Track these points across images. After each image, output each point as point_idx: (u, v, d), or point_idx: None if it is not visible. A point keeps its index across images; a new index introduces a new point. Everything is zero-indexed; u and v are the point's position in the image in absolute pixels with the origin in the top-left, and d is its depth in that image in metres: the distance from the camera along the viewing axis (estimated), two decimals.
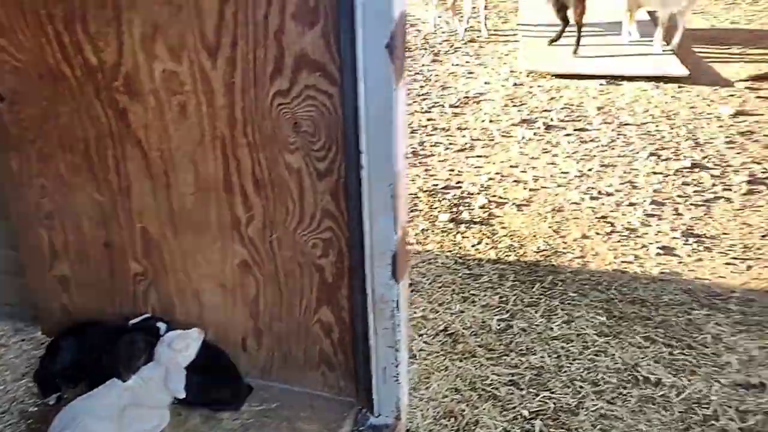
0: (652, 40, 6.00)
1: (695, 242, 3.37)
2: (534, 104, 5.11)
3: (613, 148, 4.39)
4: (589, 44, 6.25)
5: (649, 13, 6.71)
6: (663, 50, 5.89)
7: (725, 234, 3.44)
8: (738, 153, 4.26)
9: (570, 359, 2.55)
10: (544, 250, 3.32)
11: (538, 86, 5.44)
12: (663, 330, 2.71)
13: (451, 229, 3.53)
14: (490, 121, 4.84)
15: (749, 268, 3.17)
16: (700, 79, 5.40)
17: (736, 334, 2.69)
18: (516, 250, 3.32)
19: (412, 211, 3.70)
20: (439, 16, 7.05)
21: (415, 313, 2.82)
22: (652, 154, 4.26)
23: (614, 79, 5.47)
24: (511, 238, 3.43)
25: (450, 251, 3.32)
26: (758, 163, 4.12)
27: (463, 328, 2.72)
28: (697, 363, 2.52)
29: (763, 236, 3.41)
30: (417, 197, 3.86)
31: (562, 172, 4.11)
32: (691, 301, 2.91)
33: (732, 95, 5.13)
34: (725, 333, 2.70)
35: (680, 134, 4.53)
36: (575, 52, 5.86)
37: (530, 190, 3.92)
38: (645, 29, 6.31)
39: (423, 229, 3.52)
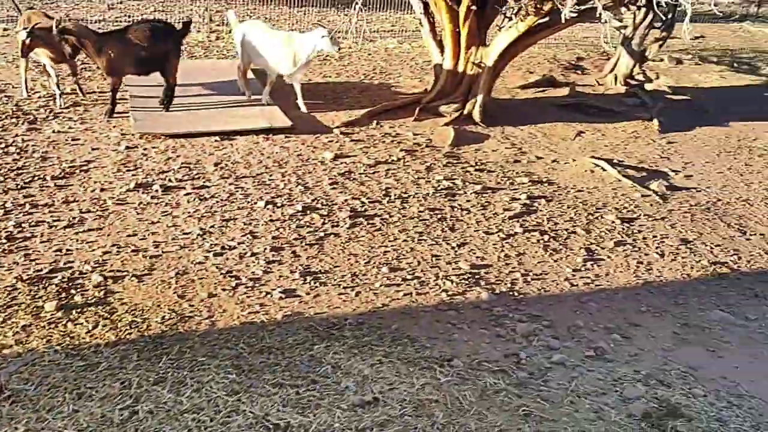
0: (261, 97, 6.42)
1: (312, 280, 3.64)
2: (150, 166, 4.95)
3: (232, 202, 4.50)
4: (202, 103, 6.39)
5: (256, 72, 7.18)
6: (268, 103, 6.35)
7: (336, 267, 3.81)
8: (341, 192, 4.80)
9: (202, 430, 2.45)
10: (169, 318, 3.18)
11: (153, 148, 5.29)
12: (289, 372, 2.82)
13: (60, 318, 3.12)
14: (102, 190, 4.50)
15: (358, 294, 3.55)
16: (303, 128, 5.96)
17: (351, 358, 2.96)
18: (139, 326, 3.10)
19: (9, 307, 3.17)
20: (32, 80, 6.36)
21: (16, 430, 2.39)
22: (268, 203, 4.50)
23: (228, 134, 5.66)
24: (133, 314, 3.19)
25: (60, 344, 2.92)
26: (357, 199, 4.70)
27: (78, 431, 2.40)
28: (321, 395, 2.69)
29: (366, 263, 3.88)
30: (15, 289, 3.32)
31: (184, 233, 4.03)
32: (312, 336, 3.12)
33: (331, 141, 5.78)
34: (342, 359, 2.94)
35: (291, 181, 4.90)
36: (167, 109, 5.96)
37: (151, 257, 3.74)
38: (255, 87, 6.73)
39: (24, 326, 3.03)
